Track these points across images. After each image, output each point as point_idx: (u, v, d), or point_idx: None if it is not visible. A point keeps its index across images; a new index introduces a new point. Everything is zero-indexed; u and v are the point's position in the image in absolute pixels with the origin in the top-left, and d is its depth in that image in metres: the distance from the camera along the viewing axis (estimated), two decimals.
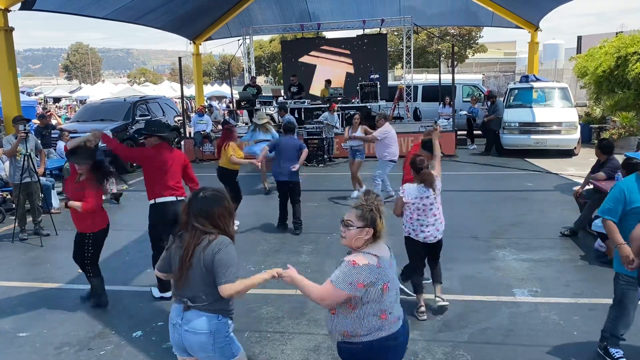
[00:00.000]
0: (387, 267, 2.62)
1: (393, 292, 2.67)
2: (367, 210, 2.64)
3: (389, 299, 2.63)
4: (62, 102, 37.85)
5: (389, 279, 2.62)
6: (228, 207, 2.93)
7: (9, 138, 7.68)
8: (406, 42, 18.41)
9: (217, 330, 2.84)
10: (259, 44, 47.24)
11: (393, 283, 2.67)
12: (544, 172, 11.47)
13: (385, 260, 2.62)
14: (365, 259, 2.56)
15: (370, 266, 2.54)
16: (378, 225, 2.64)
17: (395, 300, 2.69)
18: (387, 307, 2.61)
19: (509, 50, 55.29)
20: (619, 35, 15.78)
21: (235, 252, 2.85)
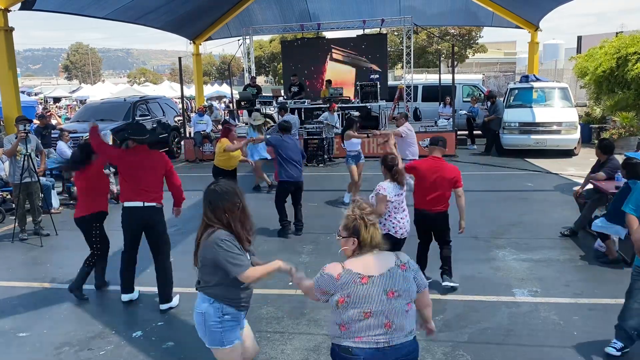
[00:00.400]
0: (350, 282, 2.46)
1: (355, 310, 2.45)
2: (351, 219, 2.60)
3: (349, 314, 2.46)
4: (62, 102, 37.85)
5: (349, 294, 2.45)
6: (237, 203, 3.00)
7: (10, 138, 7.68)
8: (406, 42, 18.39)
9: (207, 313, 2.98)
10: (259, 44, 47.24)
11: (357, 301, 2.44)
12: (544, 172, 11.46)
13: (351, 274, 2.48)
14: (332, 269, 2.55)
15: (330, 276, 2.51)
16: (362, 235, 2.55)
17: (359, 320, 2.45)
18: (346, 322, 2.48)
19: (509, 50, 55.28)
20: (619, 36, 15.79)
21: (231, 244, 2.92)
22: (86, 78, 76.18)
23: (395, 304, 2.47)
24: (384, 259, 2.57)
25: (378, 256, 2.57)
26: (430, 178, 5.11)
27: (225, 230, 2.95)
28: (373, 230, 2.58)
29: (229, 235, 2.94)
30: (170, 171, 5.17)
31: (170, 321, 4.84)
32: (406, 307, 2.51)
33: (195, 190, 6.43)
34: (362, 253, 2.57)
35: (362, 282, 2.46)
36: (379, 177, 5.26)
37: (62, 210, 9.38)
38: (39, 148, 7.96)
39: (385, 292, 2.47)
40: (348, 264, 2.55)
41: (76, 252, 6.97)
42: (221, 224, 2.96)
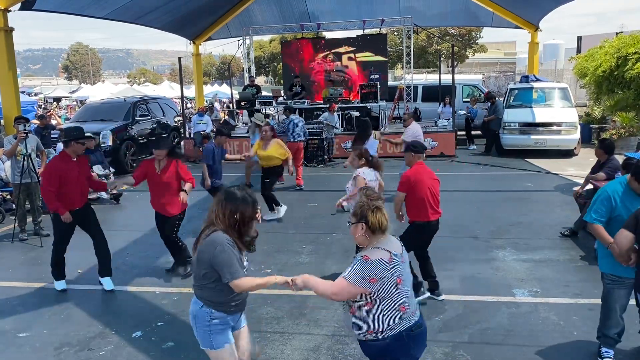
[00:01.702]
0: (399, 262, 2.67)
1: (407, 285, 2.71)
2: (359, 205, 2.73)
3: (405, 292, 2.67)
4: (62, 103, 37.86)
5: (402, 272, 2.66)
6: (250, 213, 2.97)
7: (9, 138, 7.68)
8: (406, 42, 18.40)
9: (197, 316, 3.04)
10: (259, 44, 47.25)
11: (407, 277, 2.72)
12: (544, 172, 11.47)
13: (397, 254, 2.67)
14: (378, 254, 2.62)
15: (383, 261, 2.59)
16: (370, 219, 2.66)
17: (410, 294, 2.73)
18: (404, 300, 2.66)
19: (509, 50, 55.28)
20: (619, 36, 15.80)
21: (230, 248, 2.89)
22: (86, 78, 76.18)
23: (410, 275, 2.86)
24: (393, 241, 2.77)
25: (389, 238, 2.75)
26: (427, 183, 4.98)
27: (225, 234, 2.93)
28: (380, 215, 2.69)
29: (229, 239, 2.92)
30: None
31: (170, 321, 4.84)
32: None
33: (195, 190, 6.44)
34: (376, 237, 2.69)
35: (402, 261, 2.71)
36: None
37: None
38: (39, 148, 7.95)
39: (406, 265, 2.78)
40: (386, 247, 2.66)
41: (76, 253, 6.97)
42: (225, 226, 2.94)
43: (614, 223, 3.63)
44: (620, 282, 3.71)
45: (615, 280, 3.73)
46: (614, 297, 3.77)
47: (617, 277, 3.70)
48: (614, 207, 3.67)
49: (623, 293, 3.75)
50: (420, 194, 4.90)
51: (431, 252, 5.54)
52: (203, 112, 15.83)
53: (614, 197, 3.68)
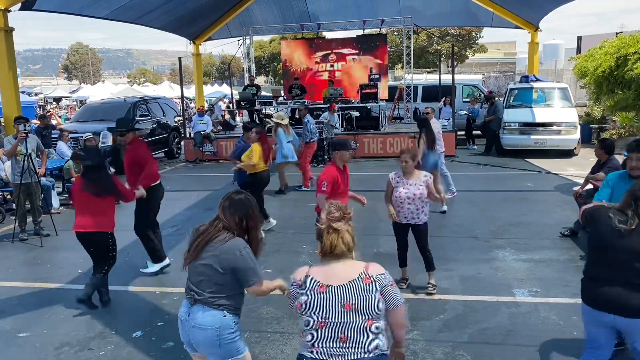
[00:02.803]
0: (308, 289, 2.40)
1: (310, 319, 2.40)
2: (320, 224, 2.53)
3: (306, 322, 2.42)
4: (62, 103, 37.86)
5: (305, 300, 2.40)
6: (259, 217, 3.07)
7: (10, 138, 7.68)
8: (406, 42, 18.41)
9: (222, 327, 2.85)
10: (259, 44, 47.25)
11: (313, 310, 2.38)
12: (543, 172, 11.47)
13: (311, 281, 2.42)
14: (298, 273, 2.52)
15: (293, 280, 2.51)
16: (323, 240, 2.45)
17: (315, 329, 2.37)
18: (304, 328, 2.45)
19: (509, 50, 55.31)
20: (619, 36, 15.79)
21: (251, 252, 2.94)
22: (86, 78, 76.19)
23: (351, 317, 2.33)
24: (349, 269, 2.43)
25: (344, 265, 2.44)
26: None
27: (241, 239, 2.94)
28: (334, 237, 2.43)
29: (245, 243, 2.94)
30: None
31: (170, 321, 4.83)
32: (365, 323, 2.34)
33: (194, 190, 6.45)
34: (326, 260, 2.47)
35: (320, 290, 2.38)
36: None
37: (62, 210, 9.38)
38: (39, 148, 7.95)
39: (341, 304, 2.34)
40: (312, 270, 2.48)
41: (76, 253, 6.97)
42: (241, 232, 2.95)
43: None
44: None
45: None
46: None
47: None
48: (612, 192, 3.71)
49: None
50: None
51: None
52: (203, 112, 15.84)
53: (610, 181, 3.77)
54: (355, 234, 2.51)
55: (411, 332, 4.46)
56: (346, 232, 2.46)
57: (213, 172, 13.07)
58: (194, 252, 2.94)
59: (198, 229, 3.03)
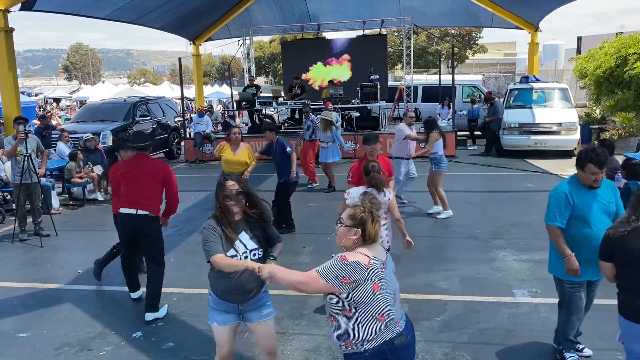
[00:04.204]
0: (379, 268, 2.53)
1: (388, 294, 2.54)
2: (360, 211, 2.60)
3: (384, 300, 2.52)
4: (62, 103, 37.86)
5: (380, 279, 2.51)
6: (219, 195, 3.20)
7: (9, 139, 7.67)
8: (406, 42, 18.42)
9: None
10: (259, 44, 47.26)
11: (388, 285, 2.55)
12: (544, 172, 11.47)
13: (377, 260, 2.54)
14: (356, 257, 2.50)
15: (359, 264, 2.46)
16: (368, 227, 2.57)
17: (393, 304, 2.57)
18: (384, 309, 2.51)
19: (509, 50, 55.31)
20: (618, 36, 15.81)
21: (208, 231, 3.13)
22: (86, 79, 76.16)
23: (397, 282, 2.71)
24: (379, 247, 2.69)
25: (376, 245, 2.67)
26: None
27: (212, 219, 3.20)
28: (378, 226, 2.64)
29: (211, 223, 3.17)
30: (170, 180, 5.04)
31: (170, 322, 4.84)
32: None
33: (195, 191, 6.44)
34: (369, 245, 2.60)
35: (384, 267, 2.57)
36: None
37: (62, 210, 9.38)
38: (39, 148, 7.94)
39: (393, 272, 2.68)
40: (367, 252, 2.54)
41: (76, 253, 7.00)
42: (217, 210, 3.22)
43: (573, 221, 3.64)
44: (580, 285, 3.74)
45: (575, 284, 3.74)
46: (576, 301, 3.77)
47: (577, 282, 3.72)
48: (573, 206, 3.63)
49: (582, 295, 3.77)
50: None
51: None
52: (203, 113, 15.85)
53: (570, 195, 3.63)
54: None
55: None
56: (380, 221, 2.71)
57: (213, 172, 13.05)
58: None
59: None
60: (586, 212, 3.58)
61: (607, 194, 3.66)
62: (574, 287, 3.75)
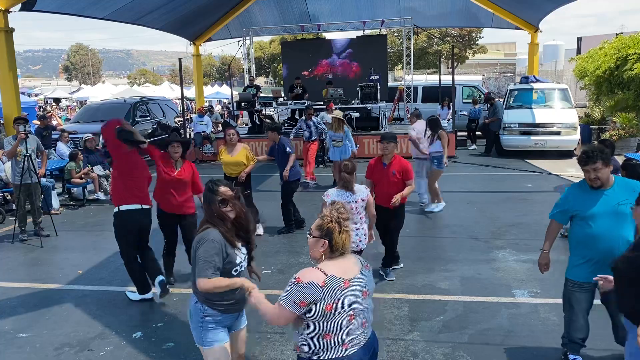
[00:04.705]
0: (336, 288, 2.40)
1: (343, 315, 2.42)
2: (327, 221, 2.52)
3: (336, 321, 2.42)
4: (62, 103, 37.86)
5: (336, 299, 2.40)
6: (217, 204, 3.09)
7: (9, 139, 7.68)
8: (406, 43, 18.42)
9: (193, 312, 3.11)
10: (259, 45, 47.28)
11: (345, 306, 2.42)
12: (544, 173, 11.47)
13: (335, 279, 2.41)
14: (311, 276, 2.42)
15: (313, 285, 2.38)
16: (335, 238, 2.48)
17: (347, 324, 2.44)
18: (332, 329, 2.42)
19: (509, 51, 55.34)
20: (618, 37, 15.81)
21: (213, 246, 2.95)
22: (86, 79, 76.17)
23: (367, 302, 2.55)
24: (354, 261, 2.59)
25: (349, 259, 2.57)
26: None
27: (215, 230, 3.01)
28: (346, 236, 2.53)
29: (215, 236, 2.97)
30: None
31: (170, 322, 4.84)
32: (371, 302, 2.62)
33: None
34: (333, 257, 2.52)
35: (345, 286, 2.44)
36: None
37: (62, 211, 9.38)
38: (39, 148, 7.94)
39: (360, 292, 2.50)
40: (327, 269, 2.45)
41: (76, 253, 7.00)
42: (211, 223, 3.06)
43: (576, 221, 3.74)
44: (581, 286, 3.74)
45: (576, 284, 3.76)
46: (575, 301, 3.78)
47: (578, 282, 3.73)
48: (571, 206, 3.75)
49: (584, 297, 3.76)
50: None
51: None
52: (203, 113, 15.85)
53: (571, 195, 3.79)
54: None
55: (411, 332, 4.47)
56: (351, 231, 2.62)
57: (213, 172, 13.06)
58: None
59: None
60: (586, 213, 3.59)
61: (620, 194, 3.55)
62: (575, 286, 3.76)
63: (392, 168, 5.45)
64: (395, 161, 5.48)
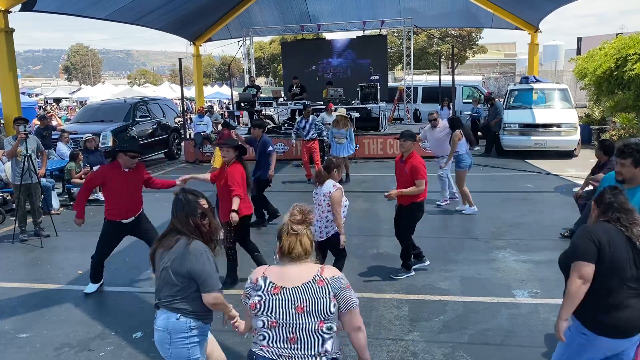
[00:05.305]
0: (263, 290, 2.42)
1: (264, 319, 2.41)
2: (281, 224, 2.54)
3: (258, 322, 2.44)
4: (62, 103, 37.86)
5: (259, 300, 2.41)
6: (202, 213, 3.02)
7: (10, 139, 7.68)
8: (406, 43, 18.43)
9: (174, 329, 2.90)
10: (259, 45, 47.29)
11: (267, 310, 2.39)
12: (544, 173, 11.47)
13: (266, 282, 2.43)
14: (255, 271, 2.56)
15: (249, 280, 2.52)
16: (282, 241, 2.47)
17: (267, 329, 2.40)
18: (256, 327, 2.47)
19: (509, 51, 55.33)
20: (618, 37, 15.80)
21: (211, 257, 2.94)
22: (86, 79, 76.19)
23: (302, 319, 2.36)
24: (304, 271, 2.44)
25: (300, 267, 2.45)
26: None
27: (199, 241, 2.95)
28: (293, 239, 2.45)
29: (206, 248, 2.96)
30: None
31: None
32: (317, 325, 2.36)
33: None
34: (283, 261, 2.50)
35: (274, 292, 2.40)
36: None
37: (62, 211, 9.38)
38: (39, 149, 7.95)
39: (294, 306, 2.36)
40: (268, 271, 2.50)
41: (76, 253, 6.99)
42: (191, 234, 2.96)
43: None
44: None
45: None
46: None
47: None
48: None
49: None
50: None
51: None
52: (203, 114, 15.85)
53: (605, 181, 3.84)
54: (313, 239, 2.54)
55: (411, 333, 4.47)
56: (305, 235, 2.48)
57: None
58: (151, 259, 3.07)
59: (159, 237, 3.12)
60: None
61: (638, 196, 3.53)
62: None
63: (406, 166, 5.52)
64: (410, 159, 5.55)
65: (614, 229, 2.80)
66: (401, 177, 5.61)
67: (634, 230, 2.75)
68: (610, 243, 2.75)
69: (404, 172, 5.52)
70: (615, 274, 2.77)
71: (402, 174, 5.59)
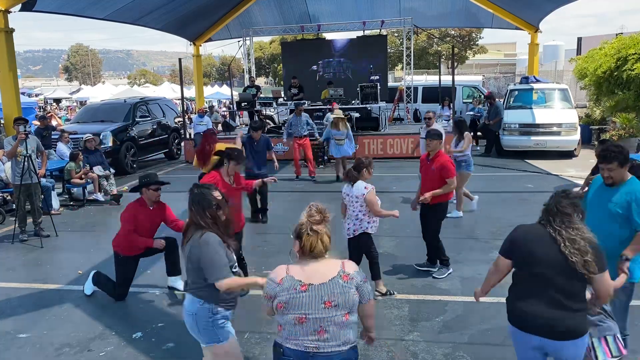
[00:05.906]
0: (290, 289, 2.50)
1: (291, 315, 2.51)
2: (299, 224, 2.62)
3: (286, 319, 2.53)
4: (62, 104, 37.87)
5: (287, 299, 2.50)
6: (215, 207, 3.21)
7: (9, 139, 7.67)
8: (406, 43, 18.42)
9: (198, 314, 3.14)
10: (259, 45, 47.30)
11: (296, 308, 2.49)
12: (544, 173, 11.47)
13: (293, 280, 2.52)
14: (276, 272, 2.61)
15: (272, 280, 2.58)
16: (303, 241, 2.56)
17: (294, 325, 2.51)
18: (283, 324, 2.57)
19: (509, 51, 55.36)
20: (618, 37, 15.81)
21: (220, 247, 3.11)
22: (86, 79, 76.22)
23: (331, 313, 2.49)
24: (328, 267, 2.56)
25: (322, 264, 2.57)
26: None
27: (212, 233, 3.13)
28: (313, 239, 2.55)
29: (217, 238, 3.13)
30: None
31: (170, 322, 4.84)
32: (343, 317, 2.51)
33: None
34: (304, 259, 2.59)
35: (302, 289, 2.50)
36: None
37: (62, 211, 9.38)
38: (39, 149, 7.94)
39: (322, 301, 2.48)
40: (292, 269, 2.58)
41: (76, 253, 7.00)
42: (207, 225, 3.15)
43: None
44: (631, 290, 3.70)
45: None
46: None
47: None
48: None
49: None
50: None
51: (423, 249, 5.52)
52: (203, 114, 15.85)
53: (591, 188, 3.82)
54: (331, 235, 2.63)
55: (411, 333, 4.46)
56: (325, 234, 2.59)
57: None
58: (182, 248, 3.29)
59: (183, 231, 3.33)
60: (586, 206, 3.60)
61: (618, 194, 3.55)
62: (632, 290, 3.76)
63: (433, 164, 5.57)
64: (437, 157, 5.59)
65: (542, 230, 2.96)
66: (427, 175, 5.67)
67: (563, 233, 2.83)
68: (526, 242, 3.05)
69: (431, 171, 5.57)
70: (527, 269, 3.10)
71: (428, 173, 5.64)
